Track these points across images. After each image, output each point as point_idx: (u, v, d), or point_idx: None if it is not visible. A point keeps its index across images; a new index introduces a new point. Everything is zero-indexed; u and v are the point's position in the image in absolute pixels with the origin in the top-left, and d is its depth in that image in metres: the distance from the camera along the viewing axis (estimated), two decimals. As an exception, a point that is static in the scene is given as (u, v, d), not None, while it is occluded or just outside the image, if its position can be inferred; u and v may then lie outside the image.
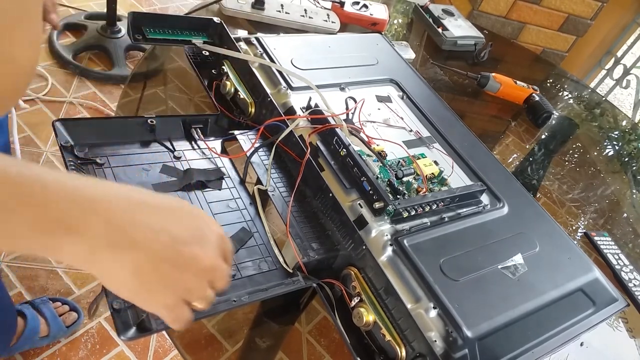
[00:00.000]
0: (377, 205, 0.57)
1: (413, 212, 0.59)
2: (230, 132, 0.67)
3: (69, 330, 1.14)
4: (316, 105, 0.67)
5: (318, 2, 1.08)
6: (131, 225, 0.33)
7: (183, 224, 0.36)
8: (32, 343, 1.09)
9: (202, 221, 0.37)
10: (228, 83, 0.72)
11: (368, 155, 0.63)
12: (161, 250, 0.34)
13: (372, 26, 1.12)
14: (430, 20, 1.25)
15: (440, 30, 1.21)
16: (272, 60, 0.74)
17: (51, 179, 0.31)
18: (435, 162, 0.68)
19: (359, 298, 0.54)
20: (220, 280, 0.39)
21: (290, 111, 0.67)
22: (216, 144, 0.66)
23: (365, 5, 1.13)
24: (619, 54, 2.12)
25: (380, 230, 0.56)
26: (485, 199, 0.68)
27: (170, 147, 0.62)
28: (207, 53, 0.73)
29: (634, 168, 1.11)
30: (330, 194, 0.58)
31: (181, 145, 0.64)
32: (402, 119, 0.75)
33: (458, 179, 0.69)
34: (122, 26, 1.85)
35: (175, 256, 0.34)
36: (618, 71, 2.15)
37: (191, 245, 0.35)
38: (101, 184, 0.34)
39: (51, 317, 1.11)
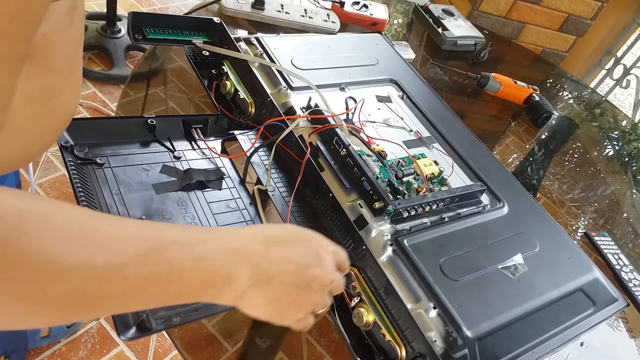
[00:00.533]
0: (377, 205, 0.57)
1: (413, 212, 0.59)
2: (230, 132, 0.67)
3: (69, 330, 1.14)
4: (316, 105, 0.67)
5: (318, 2, 1.08)
6: (267, 265, 0.39)
7: (303, 251, 0.42)
8: (33, 342, 1.10)
9: (317, 243, 0.44)
10: (228, 83, 0.72)
11: (368, 155, 0.63)
12: (290, 279, 0.40)
13: (372, 26, 1.12)
14: (430, 20, 1.25)
15: (440, 30, 1.21)
16: (272, 60, 0.74)
17: (210, 237, 0.37)
18: (435, 162, 0.68)
19: (359, 298, 0.54)
20: (337, 288, 0.45)
21: (290, 111, 0.67)
22: (216, 144, 0.66)
23: (365, 5, 1.13)
24: (619, 54, 2.12)
25: (380, 230, 0.56)
26: (485, 199, 0.68)
27: (170, 147, 0.62)
28: (207, 53, 0.73)
29: (634, 168, 1.11)
30: (330, 194, 0.58)
31: (181, 145, 0.64)
32: (402, 119, 0.75)
33: (458, 179, 0.69)
34: (122, 26, 1.85)
35: (301, 280, 0.41)
36: (618, 71, 2.15)
37: (312, 268, 0.41)
38: (237, 231, 0.40)
39: None
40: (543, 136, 1.09)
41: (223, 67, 0.73)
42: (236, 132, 0.66)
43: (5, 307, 0.28)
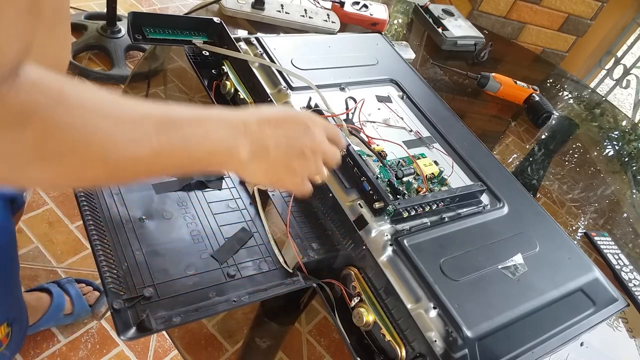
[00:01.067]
0: (377, 205, 0.57)
1: (413, 212, 0.59)
2: (230, 132, 0.67)
3: (94, 310, 1.17)
4: (316, 105, 0.67)
5: (318, 2, 1.08)
6: (263, 138, 0.46)
7: (294, 126, 0.48)
8: (57, 320, 1.13)
9: (306, 119, 0.50)
10: (228, 83, 0.72)
11: (368, 155, 0.63)
12: (284, 149, 0.47)
13: (372, 26, 1.12)
14: (430, 20, 1.25)
15: (440, 30, 1.21)
16: (272, 60, 0.74)
17: (213, 116, 0.43)
18: (435, 162, 0.68)
19: (359, 298, 0.54)
20: (331, 159, 0.52)
21: (290, 111, 0.67)
22: (216, 144, 0.66)
23: (365, 5, 1.13)
24: (619, 54, 2.12)
25: (380, 230, 0.56)
26: (485, 199, 0.68)
27: (170, 147, 0.62)
28: (207, 53, 0.73)
29: (634, 168, 1.11)
30: (330, 194, 0.58)
31: (181, 145, 0.64)
32: (402, 119, 0.75)
33: (458, 179, 0.69)
34: (122, 26, 1.85)
35: (293, 149, 0.48)
36: (618, 71, 2.15)
37: (303, 138, 0.48)
38: (235, 113, 0.45)
39: (76, 296, 1.15)
40: (543, 136, 1.09)
41: (223, 67, 0.73)
42: (236, 132, 0.66)
43: (50, 165, 0.33)
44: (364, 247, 0.55)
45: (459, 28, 1.23)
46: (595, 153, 1.11)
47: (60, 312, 1.12)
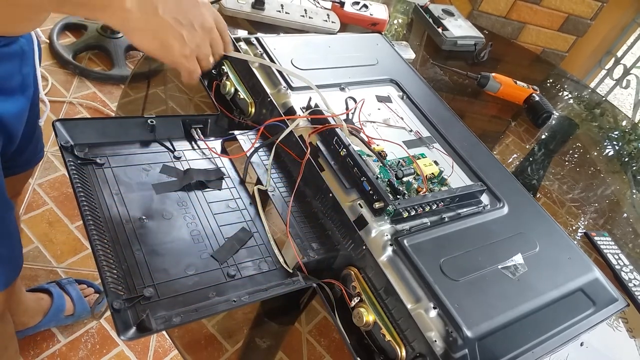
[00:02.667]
0: (377, 205, 0.57)
1: (413, 212, 0.59)
2: (230, 132, 0.67)
3: (94, 311, 1.17)
4: (316, 105, 0.67)
5: (318, 2, 1.08)
6: None
7: None
8: (57, 321, 1.13)
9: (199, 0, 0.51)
10: (228, 83, 0.72)
11: (368, 155, 0.63)
12: (173, 14, 0.47)
13: (372, 26, 1.12)
14: (430, 20, 1.25)
15: (440, 30, 1.21)
16: (272, 60, 0.74)
17: None
18: (435, 162, 0.68)
19: (359, 298, 0.54)
20: (217, 43, 0.53)
21: (290, 111, 0.67)
22: (216, 144, 0.66)
23: (365, 5, 1.13)
24: (619, 54, 2.12)
25: (380, 230, 0.56)
26: (485, 199, 0.68)
27: (170, 147, 0.62)
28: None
29: (634, 168, 1.11)
30: (330, 194, 0.58)
31: (181, 145, 0.64)
32: (402, 119, 0.75)
33: (458, 179, 0.69)
34: (122, 26, 1.85)
35: (183, 17, 0.48)
36: (618, 71, 2.15)
37: (193, 9, 0.49)
38: None
39: (77, 297, 1.15)
40: (543, 136, 1.09)
41: (223, 67, 0.73)
42: (236, 132, 0.66)
43: None
44: (364, 247, 0.55)
45: (459, 28, 1.23)
46: (595, 153, 1.11)
47: (61, 313, 1.12)
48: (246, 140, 0.65)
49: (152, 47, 0.49)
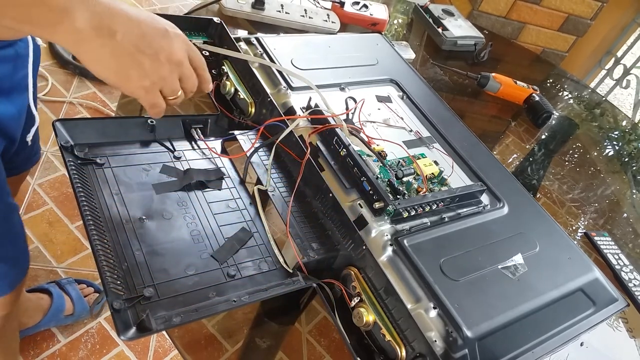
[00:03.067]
0: (377, 205, 0.57)
1: (413, 212, 0.59)
2: (230, 132, 0.67)
3: (92, 311, 1.18)
4: (316, 105, 0.67)
5: (318, 2, 1.08)
6: (110, 17, 0.41)
7: (152, 24, 0.44)
8: (57, 321, 1.13)
9: (168, 25, 0.46)
10: (228, 83, 0.72)
11: (368, 155, 0.63)
12: (134, 41, 0.43)
13: (372, 26, 1.12)
14: (430, 20, 1.25)
15: (440, 30, 1.21)
16: (272, 60, 0.74)
17: None
18: (435, 162, 0.68)
19: (359, 298, 0.54)
20: (188, 79, 0.48)
21: (290, 111, 0.67)
22: (216, 144, 0.66)
23: (365, 5, 1.13)
24: (619, 54, 2.12)
25: (380, 230, 0.56)
26: (485, 199, 0.68)
27: (170, 147, 0.62)
28: (207, 53, 0.73)
29: (634, 168, 1.11)
30: (330, 194, 0.58)
31: (181, 145, 0.64)
32: (402, 119, 0.75)
33: (458, 179, 0.69)
34: (122, 26, 1.85)
35: (146, 46, 0.43)
36: (618, 71, 2.15)
37: (159, 39, 0.44)
38: None
39: (76, 297, 1.15)
40: (543, 136, 1.09)
41: (223, 67, 0.73)
42: (236, 132, 0.66)
43: None
44: (364, 247, 0.55)
45: (459, 28, 1.23)
46: (595, 153, 1.11)
47: (61, 313, 1.13)
48: (246, 140, 0.65)
49: (107, 74, 0.44)
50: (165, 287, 0.49)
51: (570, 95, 1.29)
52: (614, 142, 1.18)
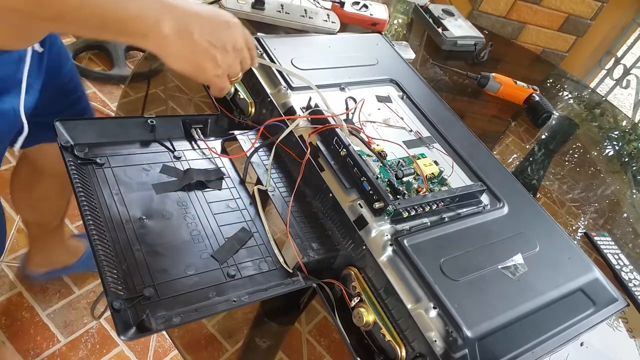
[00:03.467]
0: (377, 205, 0.57)
1: (413, 212, 0.59)
2: (230, 132, 0.67)
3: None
4: (316, 105, 0.67)
5: (318, 2, 1.08)
6: (187, 18, 0.49)
7: (219, 20, 0.52)
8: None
9: (230, 17, 0.54)
10: (228, 83, 0.72)
11: (368, 155, 0.63)
12: (207, 37, 0.50)
13: (372, 26, 1.12)
14: (430, 20, 1.25)
15: (440, 30, 1.21)
16: (272, 60, 0.74)
17: None
18: (435, 162, 0.68)
19: (359, 298, 0.54)
20: (246, 61, 0.57)
21: (290, 111, 0.67)
22: (216, 144, 0.66)
23: (365, 5, 1.13)
24: (619, 54, 2.12)
25: (380, 230, 0.56)
26: (485, 199, 0.68)
27: (170, 147, 0.62)
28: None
29: (634, 168, 1.11)
30: (330, 194, 0.58)
31: (181, 145, 0.64)
32: (402, 119, 0.75)
33: (458, 179, 0.69)
34: (122, 26, 1.85)
35: (217, 40, 0.52)
36: (618, 71, 2.15)
37: (226, 32, 0.53)
38: None
39: None
40: (543, 136, 1.09)
41: (223, 67, 0.73)
42: (236, 132, 0.66)
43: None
44: (364, 247, 0.55)
45: (459, 28, 1.23)
46: (595, 153, 1.12)
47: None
48: (246, 140, 0.65)
49: (188, 70, 0.52)
50: (165, 287, 0.49)
51: (570, 95, 1.29)
52: (614, 142, 1.18)
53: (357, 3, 1.13)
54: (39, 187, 0.97)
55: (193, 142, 0.65)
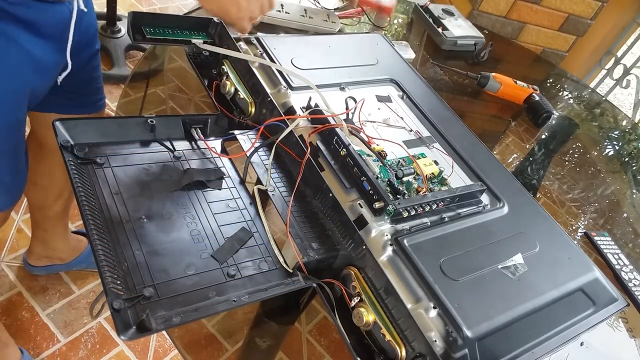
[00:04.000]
0: (377, 205, 0.57)
1: (413, 212, 0.59)
2: (230, 132, 0.67)
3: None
4: (316, 105, 0.67)
5: (318, 2, 1.08)
6: None
7: None
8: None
9: None
10: (228, 83, 0.72)
11: (368, 155, 0.63)
12: None
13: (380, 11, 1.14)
14: (430, 20, 1.25)
15: (440, 30, 1.21)
16: (272, 60, 0.74)
17: None
18: (435, 162, 0.68)
19: (359, 298, 0.54)
20: (264, 6, 0.71)
21: (290, 111, 0.67)
22: (216, 144, 0.66)
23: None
24: (619, 54, 2.12)
25: (380, 230, 0.56)
26: (485, 199, 0.68)
27: (170, 147, 0.62)
28: (207, 53, 0.73)
29: (634, 168, 1.11)
30: (330, 194, 0.58)
31: (181, 145, 0.64)
32: (402, 118, 0.75)
33: (458, 178, 0.69)
34: (122, 26, 1.85)
35: None
36: (618, 71, 2.15)
37: None
38: None
39: None
40: (543, 136, 1.09)
41: (223, 67, 0.73)
42: (236, 132, 0.66)
43: None
44: (364, 247, 0.55)
45: (459, 28, 1.23)
46: (595, 153, 1.12)
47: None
48: (246, 140, 0.65)
49: (215, 11, 0.68)
50: (165, 287, 0.49)
51: (570, 95, 1.29)
52: (614, 142, 1.18)
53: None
54: (44, 162, 1.00)
55: (193, 142, 0.65)
